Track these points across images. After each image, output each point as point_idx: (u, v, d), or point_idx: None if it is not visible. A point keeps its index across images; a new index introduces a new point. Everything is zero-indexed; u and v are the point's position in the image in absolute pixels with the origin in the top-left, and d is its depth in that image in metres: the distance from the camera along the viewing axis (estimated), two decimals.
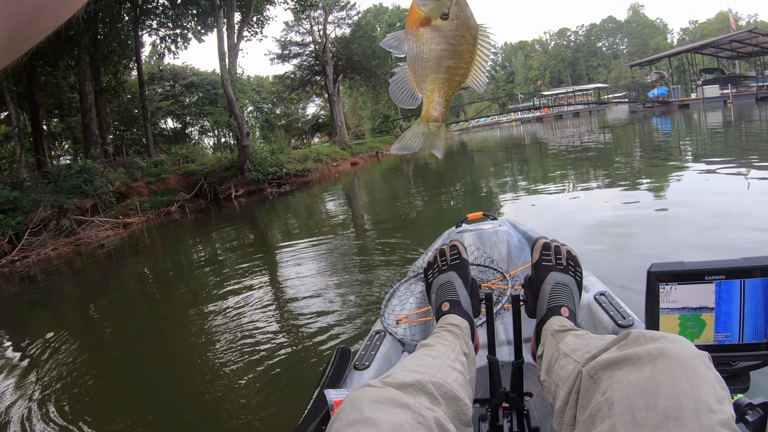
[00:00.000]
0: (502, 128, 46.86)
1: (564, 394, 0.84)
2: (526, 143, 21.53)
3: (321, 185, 16.38)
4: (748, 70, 36.72)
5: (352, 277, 4.69)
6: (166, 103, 25.99)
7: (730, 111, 21.86)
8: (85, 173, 13.59)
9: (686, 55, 36.22)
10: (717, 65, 37.21)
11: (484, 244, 2.21)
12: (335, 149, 24.70)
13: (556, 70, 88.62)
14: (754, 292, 0.90)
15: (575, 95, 48.23)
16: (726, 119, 17.73)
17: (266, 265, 5.88)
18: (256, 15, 20.37)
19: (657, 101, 33.99)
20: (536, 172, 10.77)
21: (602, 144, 14.86)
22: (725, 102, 27.65)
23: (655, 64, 39.18)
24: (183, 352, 3.73)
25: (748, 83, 31.12)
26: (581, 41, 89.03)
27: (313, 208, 11.04)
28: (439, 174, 14.39)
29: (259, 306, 4.31)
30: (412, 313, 1.89)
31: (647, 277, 0.93)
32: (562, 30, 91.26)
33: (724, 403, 0.64)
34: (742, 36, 30.32)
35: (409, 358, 1.00)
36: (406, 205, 9.07)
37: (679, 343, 0.71)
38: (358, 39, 32.09)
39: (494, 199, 7.84)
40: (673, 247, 3.88)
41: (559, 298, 1.15)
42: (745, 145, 9.80)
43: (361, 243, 6.39)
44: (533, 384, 1.46)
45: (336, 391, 1.29)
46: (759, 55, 31.33)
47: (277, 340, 3.48)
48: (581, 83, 67.82)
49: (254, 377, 2.96)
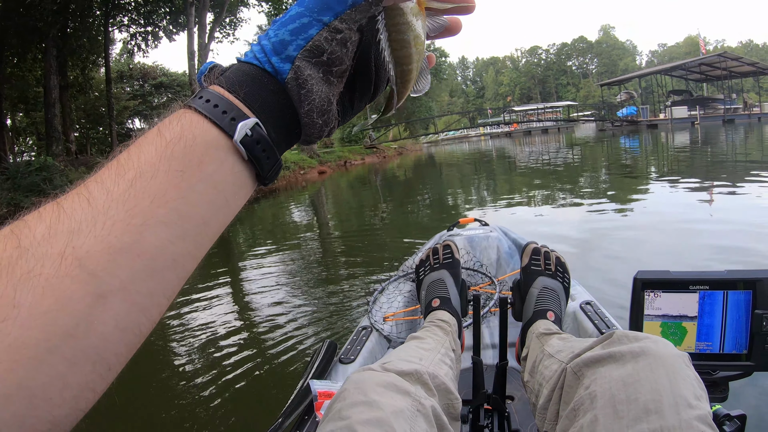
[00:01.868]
0: (471, 142, 47.43)
1: (547, 392, 0.85)
2: (494, 157, 21.76)
3: (287, 193, 16.15)
4: (714, 93, 38.14)
5: (317, 286, 4.63)
6: (134, 102, 25.44)
7: (698, 132, 22.60)
8: (44, 171, 13.03)
9: (655, 76, 37.48)
10: (685, 87, 38.52)
11: (475, 249, 2.23)
12: (303, 157, 24.43)
13: (526, 87, 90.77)
14: (736, 304, 0.91)
15: (545, 112, 49.15)
16: (693, 139, 18.34)
17: (230, 275, 5.73)
18: (229, 16, 20.18)
19: (626, 120, 34.99)
20: (503, 186, 10.91)
21: (570, 160, 15.17)
22: (693, 123, 28.68)
23: (625, 84, 40.24)
24: (153, 360, 3.61)
25: (715, 105, 32.45)
26: (552, 59, 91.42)
27: (280, 217, 10.86)
28: (407, 184, 14.44)
29: (222, 314, 4.19)
30: (399, 311, 1.90)
31: (633, 284, 0.94)
32: (533, 48, 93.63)
33: (702, 400, 0.65)
34: (711, 60, 31.60)
35: (402, 348, 1.01)
36: (372, 216, 9.04)
37: (661, 343, 0.73)
38: None
39: (461, 210, 7.89)
40: (638, 258, 3.96)
41: (546, 302, 1.16)
42: (710, 165, 10.13)
43: (327, 252, 6.33)
44: (515, 388, 1.48)
45: (321, 382, 1.32)
46: (727, 78, 32.69)
47: (242, 350, 3.40)
48: (550, 100, 69.54)
49: (221, 386, 2.88)
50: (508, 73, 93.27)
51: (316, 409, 1.23)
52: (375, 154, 30.86)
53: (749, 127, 24.51)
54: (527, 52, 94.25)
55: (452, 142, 49.59)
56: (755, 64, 32.86)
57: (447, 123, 51.38)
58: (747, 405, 1.82)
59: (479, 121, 54.29)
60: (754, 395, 1.92)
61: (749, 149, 13.12)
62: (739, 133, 20.43)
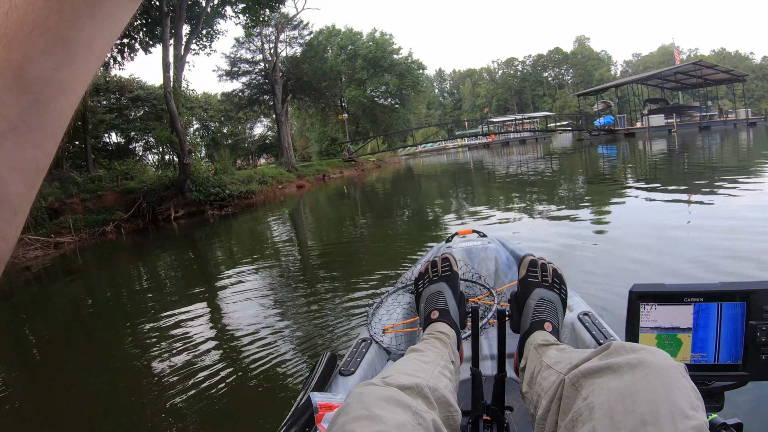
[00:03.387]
0: (449, 154, 47.71)
1: (546, 403, 0.86)
2: (472, 169, 21.90)
3: (265, 208, 15.96)
4: (689, 101, 39.02)
5: (296, 304, 4.57)
6: (110, 116, 24.95)
7: (675, 139, 23.05)
8: None
9: (630, 85, 38.17)
10: (660, 95, 39.31)
11: (473, 260, 2.25)
12: (281, 171, 24.29)
13: (503, 98, 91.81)
14: (731, 316, 0.93)
15: (523, 122, 49.72)
16: (671, 147, 18.72)
17: (207, 293, 5.60)
18: (206, 28, 20.00)
19: (603, 130, 35.50)
20: (482, 197, 10.97)
21: (550, 171, 15.29)
22: (669, 131, 29.31)
23: (601, 94, 40.91)
24: (146, 381, 3.52)
25: (691, 113, 33.19)
26: (528, 71, 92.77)
27: (257, 233, 10.66)
28: (386, 198, 14.43)
29: (199, 333, 4.11)
30: (398, 323, 1.92)
31: (629, 297, 0.96)
32: (509, 59, 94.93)
33: (698, 410, 0.67)
34: (687, 68, 32.34)
35: (402, 361, 1.03)
36: (352, 231, 8.98)
37: (658, 354, 0.74)
38: (308, 59, 32.10)
39: (441, 223, 7.91)
40: (615, 266, 4.01)
41: (543, 313, 1.18)
42: (687, 172, 10.34)
43: (306, 268, 6.26)
44: (514, 399, 1.50)
45: (321, 394, 1.34)
46: (702, 86, 33.51)
47: (230, 365, 3.34)
48: (527, 111, 70.43)
49: (217, 402, 2.82)
50: (485, 84, 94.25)
51: (317, 422, 1.24)
52: (354, 167, 30.87)
53: (725, 133, 25.21)
54: (504, 64, 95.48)
55: (431, 154, 49.83)
56: (730, 71, 33.81)
57: (425, 135, 51.72)
58: (743, 414, 1.85)
59: (457, 132, 54.77)
60: (750, 404, 1.95)
61: (725, 156, 13.47)
62: (716, 139, 20.96)
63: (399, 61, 41.49)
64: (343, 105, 41.58)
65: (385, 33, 42.30)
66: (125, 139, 28.36)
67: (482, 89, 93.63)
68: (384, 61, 40.78)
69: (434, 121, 75.97)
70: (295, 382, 2.84)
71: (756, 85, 76.41)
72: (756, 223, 4.82)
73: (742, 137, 21.04)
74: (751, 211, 5.41)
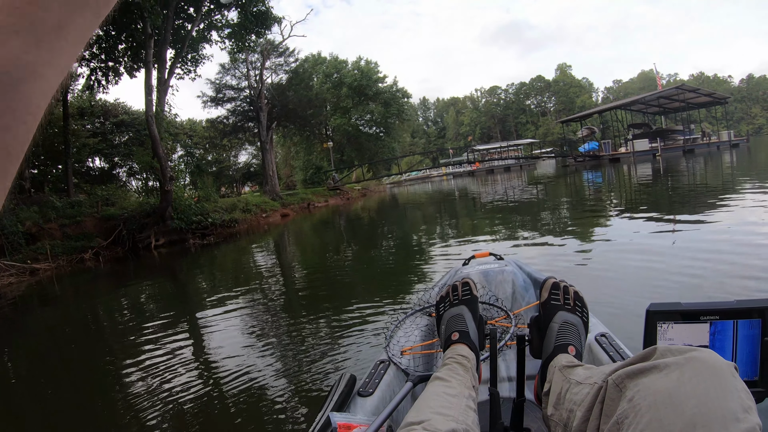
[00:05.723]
0: (434, 182, 48.01)
1: (583, 412, 0.84)
2: (456, 197, 21.99)
3: (249, 237, 15.70)
4: (671, 124, 40.01)
5: (279, 338, 4.50)
6: (94, 140, 24.77)
7: (659, 163, 23.41)
8: None
9: (612, 111, 38.99)
10: (643, 120, 40.14)
11: (490, 283, 2.26)
12: (265, 199, 24.16)
13: (487, 126, 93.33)
14: (746, 333, 0.94)
15: (508, 150, 50.33)
16: (656, 170, 19.03)
17: (188, 326, 5.40)
18: (191, 52, 20.00)
19: (588, 155, 35.92)
20: (467, 226, 10.95)
21: (537, 198, 15.34)
22: (654, 155, 29.73)
23: (585, 120, 41.64)
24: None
25: (675, 137, 33.89)
26: (511, 99, 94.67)
27: (239, 264, 10.44)
28: (371, 227, 14.38)
29: (182, 365, 4.00)
30: (416, 345, 1.92)
31: (646, 316, 0.96)
32: (493, 88, 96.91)
33: (751, 412, 0.64)
34: (670, 92, 33.25)
35: (431, 396, 1.05)
36: (337, 261, 8.85)
37: (707, 353, 0.72)
38: (294, 86, 32.21)
39: (428, 250, 7.90)
40: (607, 289, 4.00)
41: (567, 336, 1.18)
42: (687, 193, 10.44)
43: (291, 300, 6.16)
44: (531, 421, 1.50)
45: (341, 414, 1.36)
46: (684, 110, 34.32)
47: (234, 388, 3.25)
48: (510, 139, 71.55)
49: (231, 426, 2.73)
50: (468, 113, 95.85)
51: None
52: (339, 196, 30.92)
53: (708, 156, 25.76)
54: (487, 92, 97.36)
55: (415, 183, 50.19)
56: (711, 94, 34.93)
57: (410, 163, 52.13)
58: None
59: (442, 160, 55.29)
60: (766, 421, 1.92)
61: (709, 178, 13.72)
62: (700, 162, 21.36)
63: (384, 90, 42.07)
64: (328, 133, 41.88)
65: (371, 61, 42.91)
66: (109, 164, 28.12)
67: (466, 117, 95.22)
68: (369, 89, 41.31)
69: (419, 149, 76.79)
70: (312, 403, 2.83)
71: (735, 108, 78.76)
72: None
73: (726, 159, 21.49)
74: None
